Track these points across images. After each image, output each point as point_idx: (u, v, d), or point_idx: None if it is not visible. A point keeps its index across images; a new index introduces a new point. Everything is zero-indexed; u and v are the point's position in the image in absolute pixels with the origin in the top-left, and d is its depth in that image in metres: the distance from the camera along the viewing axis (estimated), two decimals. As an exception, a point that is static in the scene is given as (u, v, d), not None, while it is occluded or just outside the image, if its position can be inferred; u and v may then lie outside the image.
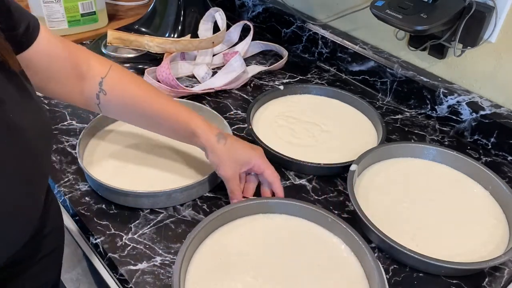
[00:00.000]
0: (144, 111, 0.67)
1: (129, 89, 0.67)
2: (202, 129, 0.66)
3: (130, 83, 0.68)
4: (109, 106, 0.67)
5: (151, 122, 0.69)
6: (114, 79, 0.66)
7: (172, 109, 0.67)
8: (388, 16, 0.79)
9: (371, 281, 0.59)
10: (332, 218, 0.65)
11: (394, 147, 0.80)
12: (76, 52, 0.65)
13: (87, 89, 0.66)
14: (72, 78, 0.64)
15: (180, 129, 0.68)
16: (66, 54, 0.63)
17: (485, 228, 0.69)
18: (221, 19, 1.04)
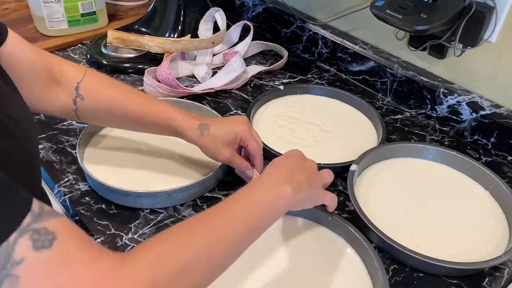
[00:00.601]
0: (123, 113, 0.67)
1: (106, 92, 0.67)
2: (183, 127, 0.66)
3: (106, 86, 0.68)
4: (86, 111, 0.67)
5: (132, 123, 0.69)
6: (91, 82, 0.66)
7: (150, 109, 0.67)
8: (388, 16, 0.79)
9: (374, 280, 0.59)
10: (332, 217, 0.65)
11: (394, 147, 0.80)
12: (48, 57, 0.65)
13: (63, 95, 0.65)
14: (45, 84, 0.64)
15: (162, 127, 0.68)
16: (37, 59, 0.63)
17: (485, 228, 0.69)
18: (221, 19, 1.04)
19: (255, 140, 0.69)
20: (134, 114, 0.67)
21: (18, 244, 0.33)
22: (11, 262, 0.32)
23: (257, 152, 0.69)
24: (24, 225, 0.33)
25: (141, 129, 0.71)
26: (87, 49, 1.07)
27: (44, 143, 0.81)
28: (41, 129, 0.84)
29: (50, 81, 0.64)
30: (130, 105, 0.67)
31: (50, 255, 0.34)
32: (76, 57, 1.07)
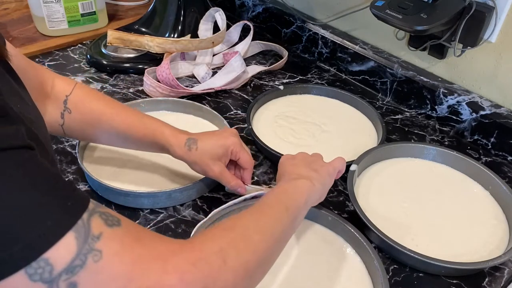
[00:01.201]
0: (109, 126, 0.66)
1: (93, 105, 0.66)
2: (170, 141, 0.65)
3: (94, 98, 0.67)
4: (73, 125, 0.66)
5: (118, 138, 0.68)
6: (79, 96, 0.65)
7: (137, 122, 0.66)
8: (388, 16, 0.79)
9: (374, 280, 0.59)
10: (332, 217, 0.65)
11: (394, 147, 0.80)
12: (41, 71, 0.64)
13: (51, 109, 0.64)
14: (36, 98, 0.62)
15: (148, 142, 0.67)
16: (31, 72, 0.62)
17: (485, 228, 0.69)
18: (221, 19, 1.04)
19: (247, 153, 0.69)
20: (120, 128, 0.66)
21: (92, 221, 0.35)
22: (91, 236, 0.34)
23: (249, 165, 0.69)
24: (91, 209, 0.36)
25: (128, 144, 0.69)
26: (87, 49, 1.07)
27: (44, 143, 0.81)
28: (41, 129, 0.84)
29: (41, 95, 0.63)
30: (117, 118, 0.66)
31: (123, 231, 0.37)
32: (76, 57, 1.07)
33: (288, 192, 0.55)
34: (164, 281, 0.36)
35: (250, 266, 0.43)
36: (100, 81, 0.99)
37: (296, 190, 0.56)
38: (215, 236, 0.43)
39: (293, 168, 0.61)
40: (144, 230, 0.40)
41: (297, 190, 0.56)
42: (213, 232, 0.44)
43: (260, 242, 0.45)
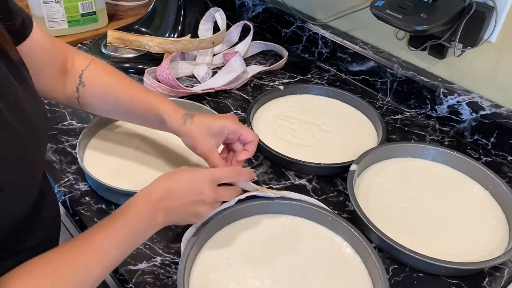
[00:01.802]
0: (117, 99, 0.68)
1: (104, 80, 0.68)
2: (168, 114, 0.65)
3: (106, 74, 0.69)
4: (86, 99, 0.68)
5: (124, 111, 0.69)
6: (93, 71, 0.68)
7: (143, 96, 0.68)
8: (388, 16, 0.79)
9: (374, 280, 0.59)
10: (332, 217, 0.65)
11: (394, 147, 0.80)
12: (63, 48, 0.68)
13: (69, 83, 0.68)
14: (58, 73, 0.67)
15: (150, 116, 0.67)
16: (55, 49, 0.65)
17: (485, 228, 0.69)
18: (221, 19, 1.04)
19: (248, 129, 0.66)
20: (125, 101, 0.68)
21: None
22: None
23: (254, 136, 0.65)
24: None
25: (131, 117, 0.71)
26: (87, 49, 1.07)
27: (44, 143, 0.81)
28: (41, 129, 0.84)
29: (62, 71, 0.67)
30: (122, 92, 0.68)
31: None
32: (76, 57, 1.07)
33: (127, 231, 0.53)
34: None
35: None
36: (100, 81, 0.99)
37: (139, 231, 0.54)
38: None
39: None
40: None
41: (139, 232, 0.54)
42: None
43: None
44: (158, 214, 0.55)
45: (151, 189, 0.56)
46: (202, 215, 0.59)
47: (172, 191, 0.56)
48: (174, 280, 0.60)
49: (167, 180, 0.57)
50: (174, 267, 0.62)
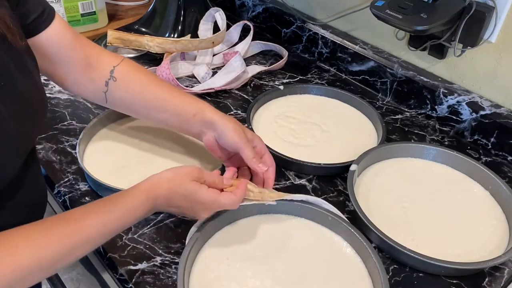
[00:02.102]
0: (154, 95, 0.69)
1: (140, 76, 0.70)
2: (210, 107, 0.68)
3: (141, 72, 0.71)
4: (116, 93, 0.69)
5: (157, 107, 0.70)
6: (127, 67, 0.70)
7: (181, 93, 0.70)
8: (388, 16, 0.79)
9: (374, 280, 0.59)
10: (332, 217, 0.65)
11: (394, 147, 0.80)
12: (87, 46, 0.70)
13: (97, 77, 0.69)
14: (81, 69, 0.68)
15: (187, 107, 0.68)
16: (76, 46, 0.67)
17: (485, 228, 0.69)
18: (221, 19, 1.04)
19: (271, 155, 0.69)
20: (163, 95, 0.69)
21: None
22: None
23: (272, 163, 0.68)
24: None
25: (164, 113, 0.70)
26: (87, 49, 1.07)
27: (44, 143, 0.81)
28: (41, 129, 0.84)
29: (86, 66, 0.68)
30: (161, 88, 0.70)
31: None
32: (76, 57, 1.07)
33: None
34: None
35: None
36: (100, 81, 0.99)
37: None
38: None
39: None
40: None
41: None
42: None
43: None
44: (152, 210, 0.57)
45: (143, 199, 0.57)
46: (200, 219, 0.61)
47: (171, 199, 0.57)
48: (174, 280, 0.60)
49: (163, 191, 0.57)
50: (174, 267, 0.62)
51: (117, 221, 0.54)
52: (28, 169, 0.60)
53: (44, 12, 0.60)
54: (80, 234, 0.51)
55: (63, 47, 0.65)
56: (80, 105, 0.91)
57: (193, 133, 0.71)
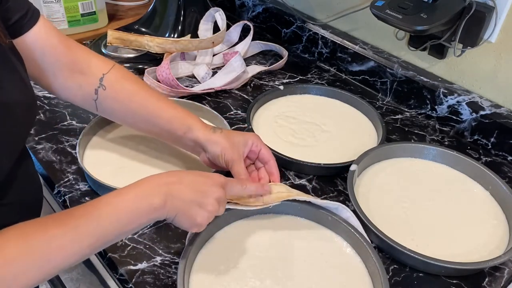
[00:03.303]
0: (141, 105, 0.68)
1: (128, 86, 0.68)
2: (197, 124, 0.67)
3: (130, 81, 0.69)
4: (106, 102, 0.68)
5: (147, 120, 0.69)
6: (116, 75, 0.68)
7: (169, 107, 0.68)
8: (388, 16, 0.79)
9: (374, 280, 0.59)
10: (332, 217, 0.65)
11: (394, 147, 0.80)
12: (76, 49, 0.67)
13: (86, 84, 0.67)
14: (69, 74, 0.66)
15: (175, 125, 0.68)
16: (63, 49, 0.65)
17: (485, 228, 0.69)
18: (221, 19, 1.04)
19: (268, 148, 0.70)
20: (150, 108, 0.68)
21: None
22: None
23: (270, 157, 0.69)
24: None
25: (155, 126, 0.69)
26: (87, 49, 1.07)
27: (44, 143, 0.81)
28: (41, 129, 0.84)
29: (74, 72, 0.66)
30: (148, 99, 0.68)
31: None
32: (76, 57, 1.07)
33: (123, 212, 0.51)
34: None
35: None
36: (100, 81, 0.99)
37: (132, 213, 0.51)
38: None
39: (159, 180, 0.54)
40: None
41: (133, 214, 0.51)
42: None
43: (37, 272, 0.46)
44: (157, 195, 0.52)
45: (152, 178, 0.54)
46: (208, 209, 0.54)
47: (182, 176, 0.55)
48: (174, 280, 0.60)
49: (173, 171, 0.56)
50: (174, 267, 0.62)
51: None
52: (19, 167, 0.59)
53: (28, 13, 0.59)
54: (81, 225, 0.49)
55: (48, 50, 0.63)
56: (80, 105, 0.91)
57: (187, 149, 0.72)
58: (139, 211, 0.51)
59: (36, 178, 0.66)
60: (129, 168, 0.76)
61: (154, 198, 0.51)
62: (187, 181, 0.54)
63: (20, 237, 0.46)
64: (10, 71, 0.53)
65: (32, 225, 0.48)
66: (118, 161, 0.77)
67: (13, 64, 0.53)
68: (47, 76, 0.65)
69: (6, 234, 0.47)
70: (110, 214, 0.50)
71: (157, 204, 0.51)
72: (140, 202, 0.51)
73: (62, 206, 0.73)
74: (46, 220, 0.49)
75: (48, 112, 0.89)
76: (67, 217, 0.49)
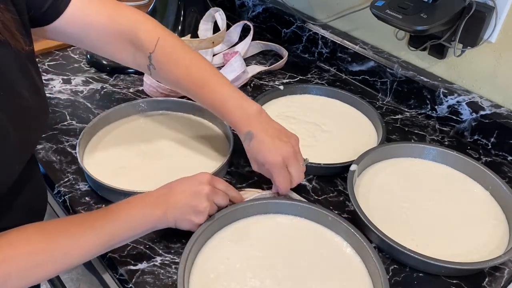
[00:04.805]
0: (187, 91, 0.70)
1: (173, 71, 0.68)
2: (236, 127, 0.68)
3: (175, 66, 0.68)
4: (159, 79, 0.73)
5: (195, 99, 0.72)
6: (161, 56, 0.67)
7: (211, 96, 0.68)
8: (388, 16, 0.79)
9: (374, 280, 0.59)
10: (332, 217, 0.65)
11: (394, 147, 0.80)
12: (119, 18, 0.65)
13: (139, 57, 0.68)
14: (118, 44, 0.66)
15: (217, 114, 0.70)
16: (104, 22, 0.63)
17: (485, 228, 0.69)
18: (221, 19, 1.04)
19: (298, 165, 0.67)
20: (197, 98, 0.71)
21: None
22: None
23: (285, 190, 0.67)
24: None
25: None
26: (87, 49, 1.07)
27: (44, 143, 0.81)
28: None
29: (124, 42, 0.66)
30: (191, 88, 0.69)
31: None
32: (76, 57, 1.07)
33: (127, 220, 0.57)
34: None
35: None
36: (100, 81, 0.99)
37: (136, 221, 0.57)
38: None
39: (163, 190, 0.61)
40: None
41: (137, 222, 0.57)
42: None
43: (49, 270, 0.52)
44: (157, 207, 0.58)
45: (151, 192, 0.61)
46: (200, 210, 0.60)
47: (172, 186, 0.61)
48: (174, 280, 0.60)
49: (167, 184, 0.62)
50: (174, 267, 0.62)
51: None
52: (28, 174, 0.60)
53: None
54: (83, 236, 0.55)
55: (90, 27, 0.63)
56: (80, 105, 0.91)
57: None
58: (146, 218, 0.58)
59: (41, 182, 0.66)
60: (129, 168, 0.76)
61: (156, 210, 0.58)
62: (177, 189, 0.60)
63: (42, 233, 0.51)
64: (27, 78, 0.53)
65: (53, 224, 0.53)
66: (118, 161, 0.77)
67: (29, 71, 0.54)
68: (102, 48, 0.66)
69: (26, 230, 0.51)
70: (123, 217, 0.57)
71: (159, 215, 0.58)
72: (147, 210, 0.58)
73: (62, 206, 0.73)
74: (65, 220, 0.55)
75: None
76: (85, 219, 0.56)
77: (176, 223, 0.60)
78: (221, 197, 0.63)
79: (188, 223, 0.60)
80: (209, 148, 0.80)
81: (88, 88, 0.97)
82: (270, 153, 0.66)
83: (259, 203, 0.67)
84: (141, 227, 0.57)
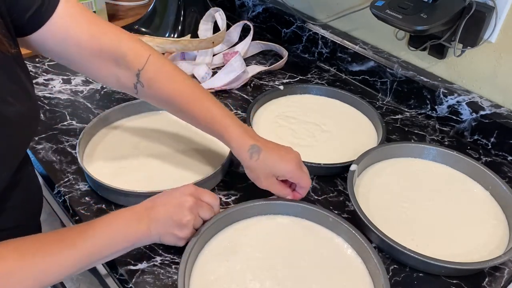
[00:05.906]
0: (180, 110, 0.67)
1: (167, 87, 0.65)
2: (236, 142, 0.65)
3: (168, 79, 0.65)
4: (146, 97, 0.68)
5: (188, 121, 0.69)
6: (152, 73, 0.64)
7: (208, 114, 0.66)
8: (388, 16, 0.79)
9: (375, 280, 0.59)
10: (333, 218, 0.65)
11: (394, 147, 0.80)
12: (102, 36, 0.62)
13: (123, 77, 0.65)
14: (99, 63, 0.63)
15: (215, 135, 0.68)
16: (85, 38, 0.60)
17: (485, 228, 0.69)
18: (221, 19, 1.04)
19: (306, 175, 0.67)
20: (190, 115, 0.67)
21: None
22: None
23: (308, 184, 0.67)
24: None
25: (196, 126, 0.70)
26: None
27: (44, 143, 0.81)
28: (41, 129, 0.84)
29: (105, 62, 0.63)
30: (185, 106, 0.66)
31: None
32: (76, 57, 1.07)
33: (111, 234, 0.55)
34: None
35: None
36: (100, 81, 0.99)
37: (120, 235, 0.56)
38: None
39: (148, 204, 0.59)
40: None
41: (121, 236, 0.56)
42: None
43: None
44: (140, 221, 0.57)
45: (134, 206, 0.59)
46: (184, 223, 0.57)
47: (155, 200, 0.59)
48: (174, 280, 0.60)
49: (150, 198, 0.60)
50: (174, 267, 0.62)
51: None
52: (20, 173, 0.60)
53: (44, 4, 0.56)
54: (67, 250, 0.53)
55: (70, 42, 0.59)
56: (80, 105, 0.91)
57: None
58: (129, 232, 0.56)
59: (36, 181, 0.66)
60: (129, 168, 0.76)
61: (140, 224, 0.56)
62: (160, 202, 0.58)
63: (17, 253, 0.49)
64: (14, 82, 0.52)
65: (29, 242, 0.51)
66: (118, 161, 0.77)
67: (17, 75, 0.52)
68: (82, 66, 0.63)
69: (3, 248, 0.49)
70: (104, 234, 0.54)
71: (143, 230, 0.56)
72: (130, 225, 0.56)
73: (62, 206, 0.73)
74: (44, 236, 0.53)
75: (48, 112, 0.89)
76: (64, 235, 0.53)
77: (160, 237, 0.58)
78: (206, 210, 0.60)
79: (171, 237, 0.58)
80: (209, 147, 0.80)
81: (88, 88, 0.97)
82: (287, 161, 0.65)
83: (260, 204, 0.67)
84: (123, 242, 0.55)
